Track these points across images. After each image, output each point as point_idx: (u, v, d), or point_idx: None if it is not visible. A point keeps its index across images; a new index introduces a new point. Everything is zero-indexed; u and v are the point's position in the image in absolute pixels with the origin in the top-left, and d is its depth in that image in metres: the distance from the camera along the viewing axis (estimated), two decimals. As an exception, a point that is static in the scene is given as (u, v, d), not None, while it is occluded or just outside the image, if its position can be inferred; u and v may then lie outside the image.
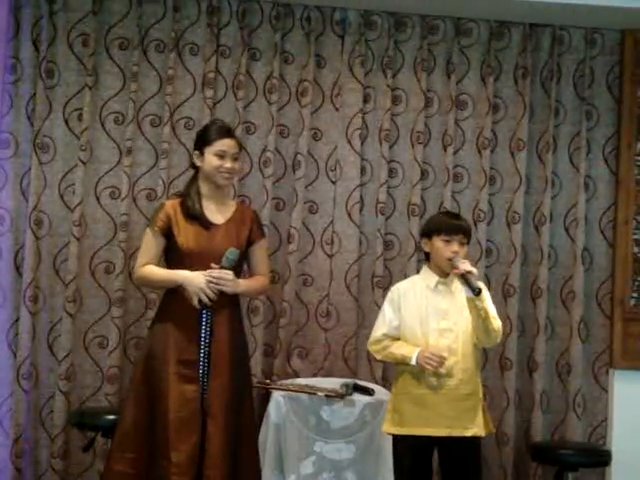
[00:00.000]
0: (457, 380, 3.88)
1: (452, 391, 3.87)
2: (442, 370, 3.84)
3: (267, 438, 4.39)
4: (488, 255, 5.04)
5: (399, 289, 4.09)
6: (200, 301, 3.90)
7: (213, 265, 3.92)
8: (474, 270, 3.81)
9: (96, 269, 4.88)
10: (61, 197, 4.89)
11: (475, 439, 3.92)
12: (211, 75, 4.92)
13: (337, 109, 5.03)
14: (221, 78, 4.97)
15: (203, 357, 3.95)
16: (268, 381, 4.77)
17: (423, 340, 3.90)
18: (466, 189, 5.09)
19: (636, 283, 5.03)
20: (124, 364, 4.85)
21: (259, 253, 4.19)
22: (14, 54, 4.85)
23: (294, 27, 5.02)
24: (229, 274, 3.94)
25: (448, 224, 3.99)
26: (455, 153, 5.05)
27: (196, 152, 4.10)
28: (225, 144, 4.05)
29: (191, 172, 4.18)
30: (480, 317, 3.83)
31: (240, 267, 4.12)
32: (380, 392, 4.60)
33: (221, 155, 4.03)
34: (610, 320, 5.05)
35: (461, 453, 3.91)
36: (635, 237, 5.04)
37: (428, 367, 3.81)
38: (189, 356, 3.92)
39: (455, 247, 3.93)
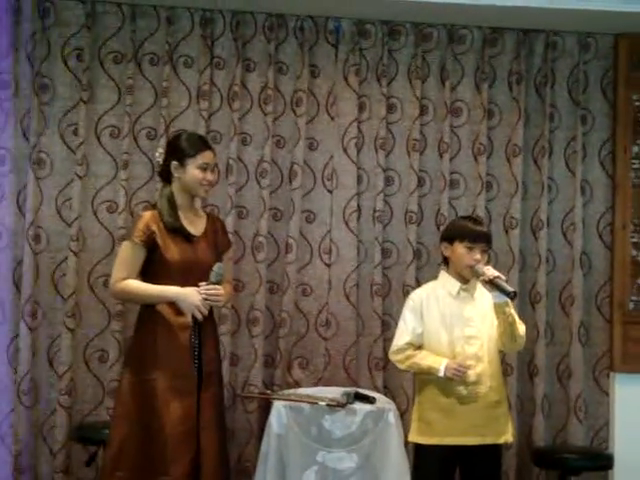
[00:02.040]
0: (486, 387, 3.89)
1: (482, 399, 3.88)
2: (471, 378, 3.84)
3: (269, 448, 4.37)
4: (487, 263, 5.03)
5: (421, 296, 4.08)
6: (193, 317, 3.90)
7: (200, 284, 3.91)
8: (502, 275, 3.82)
9: (95, 283, 4.87)
10: (58, 212, 4.88)
11: (499, 447, 3.93)
12: (206, 87, 4.92)
13: (332, 118, 5.04)
14: (216, 90, 4.98)
15: (196, 370, 3.95)
16: (269, 391, 4.76)
17: (449, 348, 3.91)
18: (463, 196, 5.09)
19: (635, 286, 5.03)
20: (124, 378, 4.84)
21: (227, 262, 4.24)
22: (7, 69, 4.83)
23: (288, 37, 5.03)
24: (220, 289, 3.94)
25: (472, 231, 3.98)
26: (451, 160, 5.05)
27: (175, 163, 4.05)
28: (207, 157, 4.06)
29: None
30: (508, 322, 3.84)
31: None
32: (381, 400, 4.60)
33: (204, 168, 4.03)
34: (610, 324, 5.05)
35: (486, 461, 3.92)
36: (633, 240, 5.04)
37: (456, 378, 3.81)
38: (185, 370, 3.91)
39: (478, 255, 3.93)
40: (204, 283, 3.92)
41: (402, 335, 4.04)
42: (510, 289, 3.79)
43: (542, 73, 5.09)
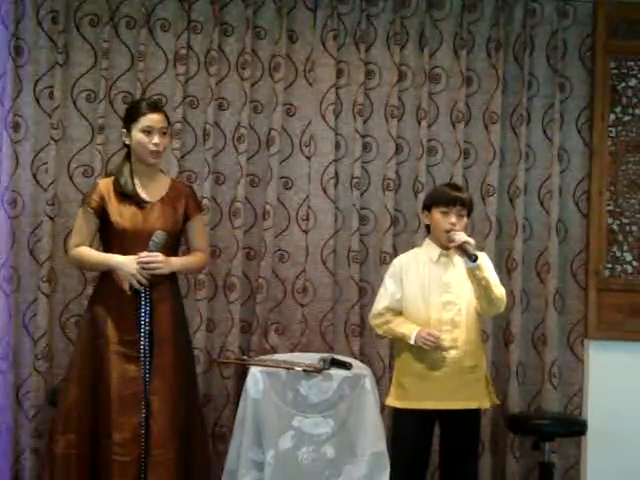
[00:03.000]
0: (461, 352, 3.92)
1: (456, 363, 3.91)
2: (445, 344, 3.85)
3: (245, 414, 4.38)
4: (465, 230, 5.04)
5: (401, 262, 4.11)
6: (132, 286, 3.90)
7: (141, 254, 3.92)
8: (471, 240, 3.83)
9: (71, 248, 4.85)
10: (34, 176, 4.86)
11: (477, 411, 3.96)
12: (183, 51, 4.89)
13: (310, 84, 5.01)
14: (193, 54, 4.94)
15: (144, 336, 3.95)
16: (245, 357, 4.78)
17: (425, 313, 3.93)
18: (440, 163, 5.07)
19: (610, 254, 5.05)
20: (101, 343, 4.83)
21: (196, 228, 4.22)
22: (-19, 32, 4.80)
23: (266, 1, 4.98)
24: (158, 256, 3.93)
25: (445, 196, 4.00)
26: (429, 127, 5.03)
27: (123, 131, 4.08)
28: (150, 119, 4.02)
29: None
30: (481, 286, 3.85)
31: (177, 245, 4.17)
32: (358, 366, 4.61)
33: (148, 131, 4.01)
34: (585, 291, 5.07)
35: (463, 425, 3.95)
36: (609, 208, 5.05)
37: (425, 347, 3.83)
38: (129, 336, 3.94)
39: (452, 219, 3.95)
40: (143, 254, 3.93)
41: (381, 300, 4.07)
42: (472, 252, 3.80)
43: (520, 40, 5.06)
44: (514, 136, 5.07)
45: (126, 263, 3.93)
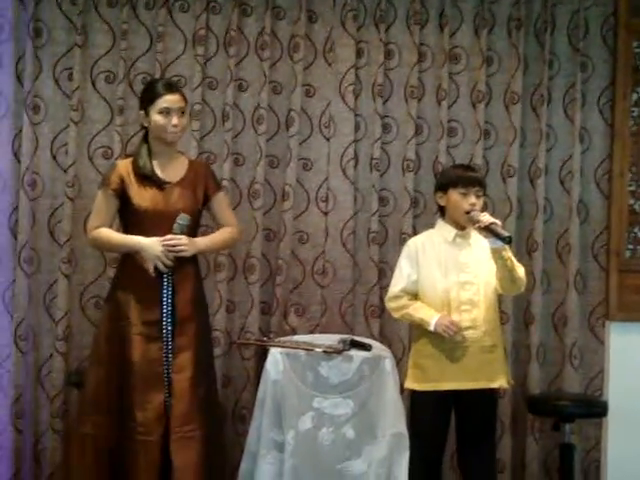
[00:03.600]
0: (481, 332, 3.91)
1: (476, 343, 3.90)
2: (463, 335, 3.84)
3: (265, 395, 4.39)
4: (484, 209, 5.01)
5: (416, 243, 4.09)
6: (156, 268, 3.90)
7: (165, 237, 3.93)
8: (497, 221, 3.81)
9: (91, 229, 4.86)
10: (54, 158, 4.86)
11: (494, 391, 3.95)
12: (202, 32, 4.87)
13: (330, 65, 4.99)
14: (212, 35, 4.92)
15: (166, 317, 3.96)
16: (265, 338, 4.78)
17: (443, 294, 3.92)
18: (461, 144, 5.04)
19: (632, 235, 5.02)
20: (121, 324, 4.85)
21: (219, 205, 4.23)
22: (3, 13, 4.78)
23: (285, -18, 4.97)
24: (182, 239, 3.94)
25: (464, 176, 3.99)
26: (449, 107, 5.00)
27: (141, 113, 4.08)
28: (168, 100, 4.02)
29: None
30: (507, 267, 3.84)
31: (197, 227, 4.17)
32: (377, 347, 4.61)
33: (166, 112, 4.00)
34: (606, 272, 5.04)
35: (481, 405, 3.94)
36: (630, 189, 5.02)
37: (445, 335, 3.82)
38: (152, 316, 3.95)
39: (473, 199, 3.94)
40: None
41: (397, 282, 4.06)
42: (506, 233, 3.80)
43: (542, 19, 5.01)
44: (535, 116, 5.03)
45: (151, 245, 3.93)
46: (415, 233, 4.76)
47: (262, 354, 4.69)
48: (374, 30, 4.99)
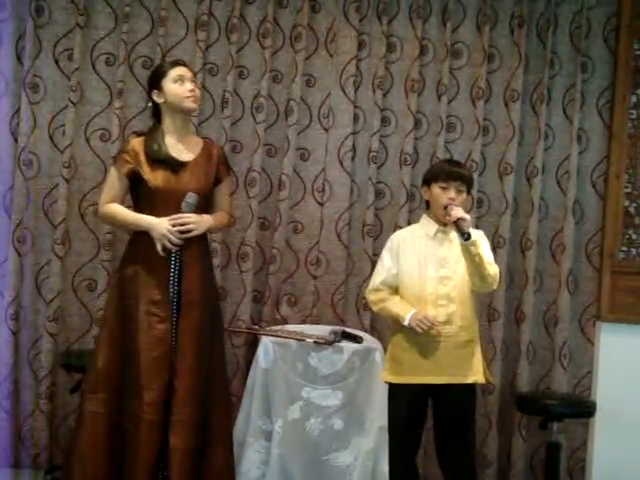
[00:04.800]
0: (456, 327, 3.89)
1: (451, 338, 3.88)
2: (437, 330, 3.83)
3: (255, 383, 4.41)
4: (479, 206, 5.03)
5: (398, 237, 4.07)
6: (164, 247, 3.90)
7: (173, 216, 3.93)
8: (467, 216, 3.79)
9: (85, 211, 4.86)
10: (51, 138, 4.85)
11: (472, 386, 3.94)
12: (204, 17, 4.86)
13: (331, 55, 4.98)
14: (214, 21, 4.91)
15: (172, 296, 3.96)
16: (257, 327, 4.78)
17: (421, 288, 3.90)
18: (459, 139, 5.05)
19: (626, 237, 5.02)
20: (112, 307, 4.84)
21: (224, 190, 4.24)
22: (2, -9, 4.78)
23: (289, -29, 4.96)
24: (191, 217, 3.94)
25: (445, 171, 3.97)
26: (449, 102, 5.00)
27: (155, 91, 4.07)
28: (180, 70, 4.06)
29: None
30: (474, 263, 3.82)
31: (207, 206, 4.14)
32: (368, 340, 4.62)
33: (180, 80, 4.03)
34: (599, 273, 5.05)
35: (458, 400, 3.92)
36: (626, 191, 5.01)
37: (419, 329, 3.81)
38: (159, 296, 3.95)
39: (452, 194, 3.90)
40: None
41: (378, 275, 4.03)
42: (465, 230, 3.76)
43: (544, 18, 5.02)
44: (534, 115, 5.04)
45: (158, 224, 3.92)
46: (410, 227, 4.77)
47: (253, 343, 4.71)
48: (376, 22, 4.99)
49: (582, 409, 4.79)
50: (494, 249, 4.93)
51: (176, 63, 4.14)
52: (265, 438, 4.39)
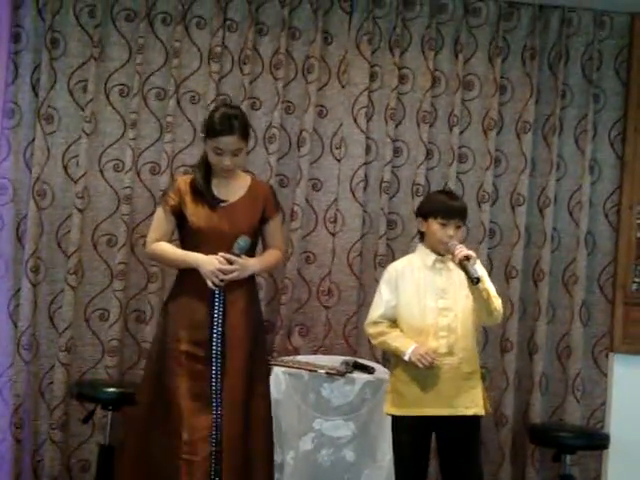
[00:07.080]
0: (458, 359, 3.87)
1: (453, 370, 3.86)
2: (437, 365, 3.82)
3: (267, 414, 4.39)
4: (491, 236, 5.03)
5: (396, 268, 4.04)
6: (213, 283, 3.90)
7: (220, 254, 3.89)
8: (471, 253, 3.76)
9: (98, 242, 4.87)
10: (64, 168, 4.87)
11: (475, 418, 3.92)
12: (217, 49, 4.89)
13: (343, 86, 5.01)
14: (227, 52, 4.94)
15: (216, 337, 3.93)
16: (268, 357, 4.77)
17: (421, 319, 3.88)
18: (471, 170, 5.06)
19: (638, 268, 5.02)
20: (124, 337, 4.86)
21: (274, 228, 4.17)
22: (18, 23, 4.82)
23: (302, 2, 4.98)
24: (237, 261, 3.90)
25: (445, 207, 3.91)
26: (461, 133, 5.03)
27: (202, 135, 4.08)
28: (222, 142, 3.93)
29: (196, 147, 4.14)
30: (482, 299, 3.81)
31: (255, 245, 4.11)
32: (380, 371, 4.60)
33: (219, 153, 3.97)
34: (611, 304, 5.05)
35: (461, 432, 3.90)
36: (639, 222, 5.02)
37: (420, 365, 3.80)
38: (200, 337, 3.92)
39: (451, 231, 3.87)
40: (224, 255, 3.90)
41: (376, 308, 4.00)
42: (475, 274, 3.70)
43: (556, 50, 5.05)
44: (546, 146, 5.05)
45: (206, 262, 3.89)
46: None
47: (265, 373, 4.69)
48: (389, 54, 5.02)
49: (595, 441, 4.77)
50: (507, 280, 4.97)
51: (225, 131, 3.91)
52: (277, 470, 4.35)
